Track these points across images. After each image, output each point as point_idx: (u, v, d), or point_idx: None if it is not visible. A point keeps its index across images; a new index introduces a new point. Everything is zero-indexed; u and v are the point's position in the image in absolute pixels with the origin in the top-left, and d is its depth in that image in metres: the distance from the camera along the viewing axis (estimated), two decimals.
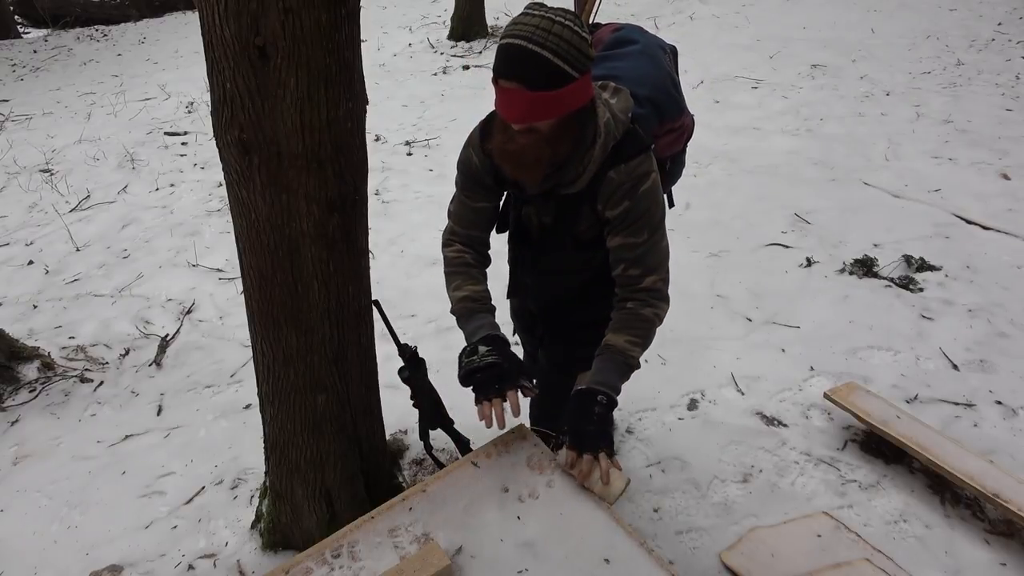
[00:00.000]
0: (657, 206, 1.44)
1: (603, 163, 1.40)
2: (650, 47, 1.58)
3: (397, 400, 2.32)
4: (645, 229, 1.43)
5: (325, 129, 1.44)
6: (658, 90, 1.51)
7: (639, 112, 1.47)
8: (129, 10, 12.18)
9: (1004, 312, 3.09)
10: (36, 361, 2.95)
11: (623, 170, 1.39)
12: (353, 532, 1.42)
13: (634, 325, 1.49)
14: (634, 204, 1.40)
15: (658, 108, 1.51)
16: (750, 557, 2.01)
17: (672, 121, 1.55)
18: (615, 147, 1.40)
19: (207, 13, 1.33)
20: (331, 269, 1.63)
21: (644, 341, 1.49)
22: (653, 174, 1.42)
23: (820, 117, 5.42)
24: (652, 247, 1.46)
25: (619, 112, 1.40)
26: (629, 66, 1.53)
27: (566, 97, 1.27)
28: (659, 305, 1.49)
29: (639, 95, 1.48)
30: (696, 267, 3.58)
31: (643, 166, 1.40)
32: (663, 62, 1.57)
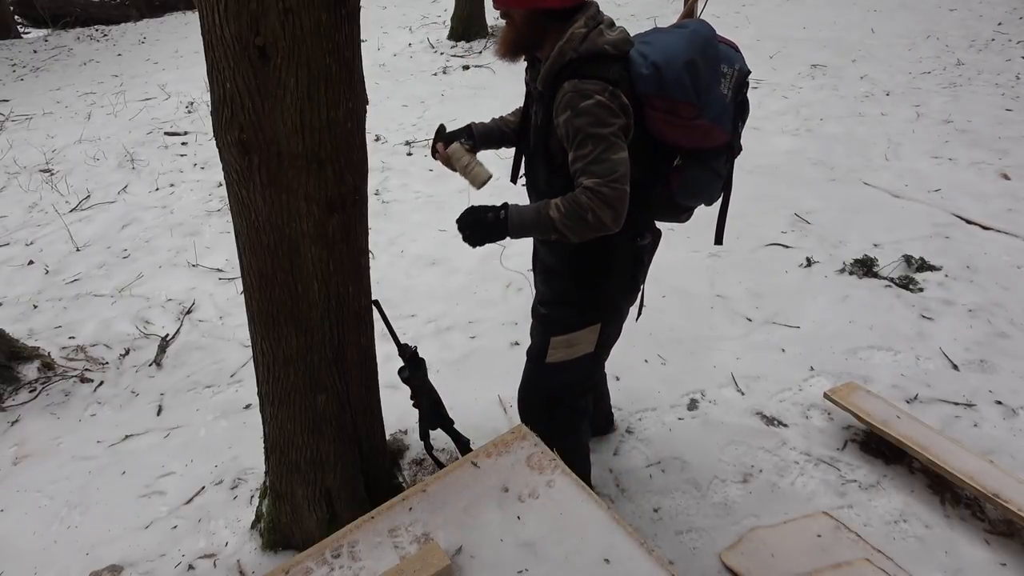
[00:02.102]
0: (602, 124, 1.51)
1: (562, 70, 1.56)
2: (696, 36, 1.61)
3: (397, 400, 2.32)
4: (589, 142, 1.52)
5: (325, 129, 1.44)
6: (668, 63, 1.54)
7: (640, 71, 1.55)
8: (129, 10, 12.18)
9: (1004, 312, 3.09)
10: (36, 361, 2.95)
11: (575, 83, 1.53)
12: (353, 532, 1.42)
13: (567, 199, 1.56)
14: (574, 115, 1.52)
15: (660, 78, 1.54)
16: (750, 557, 2.01)
17: (673, 102, 1.55)
18: (578, 61, 1.54)
19: (207, 13, 1.33)
20: (331, 269, 1.63)
21: (569, 212, 1.54)
22: (600, 97, 1.51)
23: (820, 117, 5.42)
24: (598, 157, 1.52)
25: (601, 40, 1.55)
26: (663, 38, 1.62)
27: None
28: (598, 203, 1.52)
29: (649, 59, 1.56)
30: (696, 267, 3.58)
31: (592, 87, 1.51)
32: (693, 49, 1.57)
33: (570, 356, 1.89)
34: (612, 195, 1.51)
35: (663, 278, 3.48)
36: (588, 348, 1.90)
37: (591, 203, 1.51)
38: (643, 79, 1.55)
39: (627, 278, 1.85)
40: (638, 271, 1.88)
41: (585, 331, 1.86)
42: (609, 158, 1.52)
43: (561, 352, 1.89)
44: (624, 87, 1.54)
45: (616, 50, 1.56)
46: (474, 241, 1.66)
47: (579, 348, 1.89)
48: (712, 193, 1.79)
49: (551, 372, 1.93)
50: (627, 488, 2.30)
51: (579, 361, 1.91)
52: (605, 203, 1.51)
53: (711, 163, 1.70)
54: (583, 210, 1.52)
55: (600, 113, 1.51)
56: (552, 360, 1.91)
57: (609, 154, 1.52)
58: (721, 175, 1.76)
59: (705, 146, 1.66)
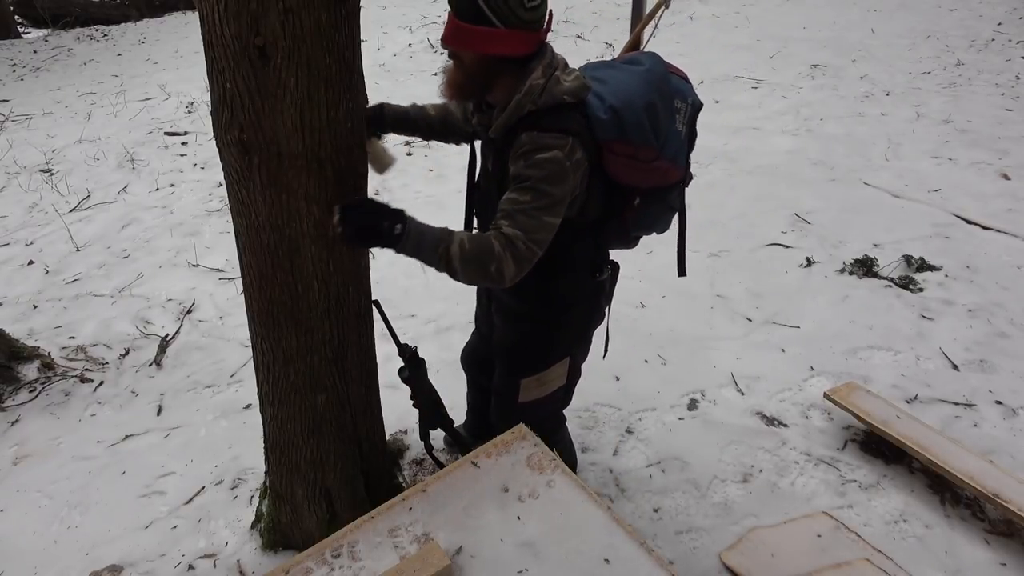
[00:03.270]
0: (551, 183, 1.45)
1: (520, 122, 1.50)
2: (652, 74, 1.59)
3: (397, 400, 2.32)
4: (531, 193, 1.45)
5: (325, 129, 1.44)
6: (627, 107, 1.51)
7: (598, 116, 1.50)
8: (129, 10, 12.17)
9: (1004, 312, 3.09)
10: (36, 361, 2.95)
11: (534, 135, 1.46)
12: (353, 532, 1.42)
13: (476, 240, 1.46)
14: (528, 165, 1.46)
15: (620, 123, 1.51)
16: (750, 557, 2.01)
17: (634, 147, 1.53)
18: (537, 114, 1.48)
19: (207, 13, 1.33)
20: (331, 269, 1.63)
21: (473, 255, 1.44)
22: (558, 152, 1.45)
23: (820, 117, 5.42)
24: (532, 211, 1.45)
25: (559, 90, 1.49)
26: (619, 78, 1.57)
27: (481, 36, 1.44)
28: (509, 257, 1.44)
29: (607, 101, 1.51)
30: (696, 267, 3.58)
31: (552, 140, 1.45)
32: (651, 90, 1.56)
33: (542, 394, 1.87)
34: (526, 254, 1.46)
35: (663, 278, 3.48)
36: (560, 382, 1.88)
37: (502, 254, 1.44)
38: (602, 125, 1.50)
39: (593, 311, 1.85)
40: (602, 301, 1.86)
41: (555, 367, 1.84)
42: (542, 218, 1.46)
43: (533, 391, 1.86)
44: (583, 137, 1.49)
45: (574, 98, 1.50)
46: (354, 242, 1.53)
47: (551, 384, 1.87)
48: (664, 223, 1.81)
49: (524, 410, 1.88)
50: (627, 488, 2.30)
51: (552, 395, 1.89)
52: (516, 259, 1.45)
53: (666, 198, 1.71)
54: (490, 258, 1.44)
55: (554, 171, 1.45)
56: (524, 400, 1.87)
57: (543, 215, 1.46)
58: (674, 208, 1.78)
59: (662, 185, 1.66)
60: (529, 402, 1.87)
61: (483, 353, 2.14)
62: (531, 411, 1.88)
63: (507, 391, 1.89)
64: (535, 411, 1.89)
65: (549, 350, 1.82)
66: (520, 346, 1.83)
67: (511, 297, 1.81)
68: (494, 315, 1.93)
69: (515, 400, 1.87)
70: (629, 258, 3.65)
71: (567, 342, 1.84)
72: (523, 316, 1.79)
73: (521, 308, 1.79)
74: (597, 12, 8.95)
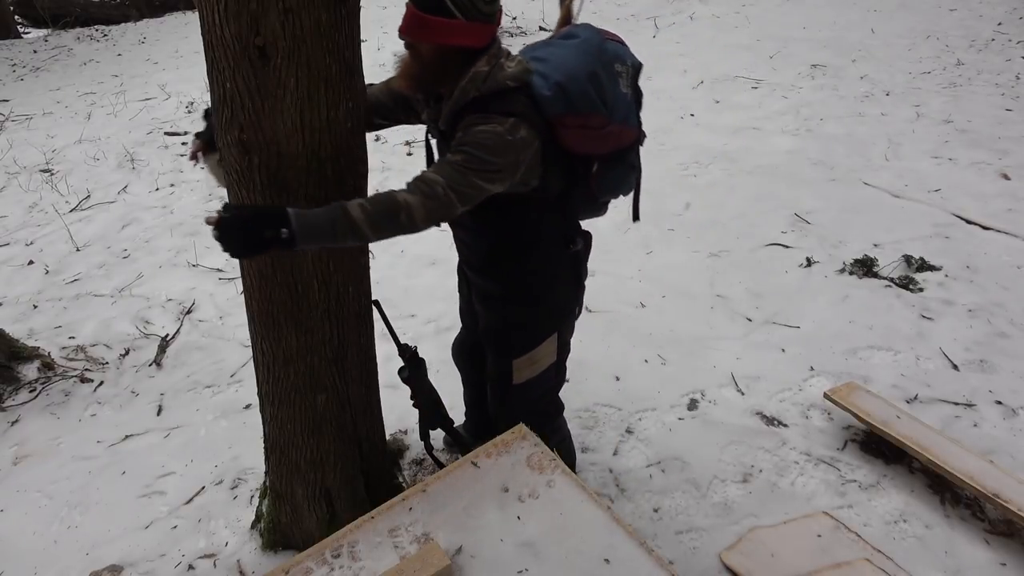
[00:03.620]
0: (488, 152, 1.45)
1: (465, 108, 1.51)
2: (588, 44, 1.62)
3: (397, 400, 2.32)
4: (462, 155, 1.45)
5: (325, 129, 1.44)
6: (571, 80, 1.54)
7: (543, 94, 1.52)
8: (129, 10, 12.16)
9: (1004, 312, 3.09)
10: (36, 361, 2.95)
11: (479, 115, 1.48)
12: (353, 532, 1.42)
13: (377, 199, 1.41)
14: (464, 135, 1.47)
15: (567, 96, 1.54)
16: (750, 557, 2.01)
17: (584, 116, 1.56)
18: (481, 99, 1.50)
19: (207, 13, 1.33)
20: (331, 269, 1.63)
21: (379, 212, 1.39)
22: (497, 126, 1.46)
23: (820, 117, 5.42)
24: (457, 166, 1.44)
25: (502, 76, 1.51)
26: (557, 53, 1.60)
27: (440, 27, 1.45)
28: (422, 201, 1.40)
29: (551, 79, 1.54)
30: (696, 267, 3.58)
31: (493, 118, 1.47)
32: (590, 60, 1.58)
33: (535, 372, 1.89)
34: (443, 199, 1.42)
35: (663, 278, 3.48)
36: (551, 359, 1.91)
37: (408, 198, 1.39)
38: (548, 101, 1.53)
39: (571, 284, 1.87)
40: (580, 272, 1.88)
41: (544, 344, 1.86)
42: (469, 176, 1.44)
43: (526, 371, 1.88)
44: (529, 117, 1.50)
45: (517, 82, 1.52)
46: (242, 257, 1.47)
47: (543, 362, 1.89)
48: (629, 184, 1.83)
49: (520, 392, 1.92)
50: (627, 488, 2.30)
51: (545, 373, 1.92)
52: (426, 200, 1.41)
53: (625, 159, 1.74)
54: (397, 208, 1.39)
55: (490, 140, 1.45)
56: (518, 381, 1.89)
57: (472, 175, 1.45)
58: (635, 166, 1.80)
59: (618, 147, 1.69)
60: (524, 383, 1.89)
61: (472, 346, 2.16)
62: (527, 392, 1.92)
63: (501, 375, 1.91)
64: (531, 391, 1.92)
65: (536, 328, 1.85)
66: (507, 328, 1.86)
67: (489, 281, 1.84)
68: (476, 303, 1.95)
69: (510, 383, 1.89)
70: (629, 258, 3.67)
71: (553, 318, 1.86)
72: (504, 298, 1.82)
73: (501, 291, 1.82)
74: (597, 12, 8.95)
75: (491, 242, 1.76)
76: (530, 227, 1.69)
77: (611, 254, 3.72)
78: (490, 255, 1.79)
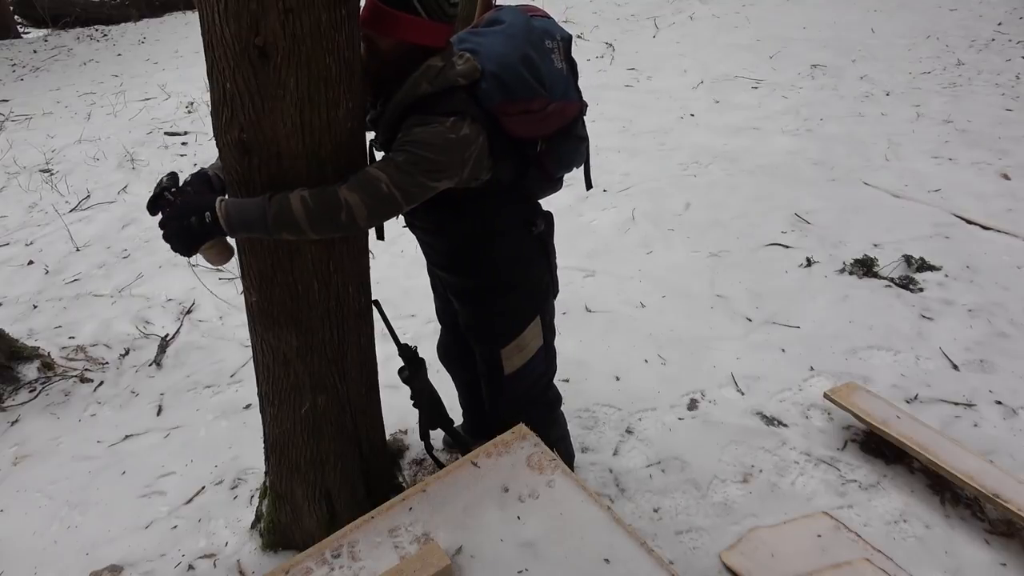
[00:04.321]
0: (428, 149, 1.43)
1: (408, 109, 1.50)
2: (514, 27, 1.62)
3: (397, 400, 2.32)
4: (404, 154, 1.43)
5: (325, 129, 1.44)
6: (505, 68, 1.55)
7: (482, 87, 1.54)
8: (129, 10, 12.15)
9: (1004, 312, 3.09)
10: (36, 361, 2.95)
11: (420, 116, 1.47)
12: (353, 532, 1.43)
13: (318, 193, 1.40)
14: (407, 133, 1.45)
15: (503, 85, 1.54)
16: (750, 557, 2.01)
17: (524, 102, 1.56)
18: (428, 98, 1.48)
19: (207, 13, 1.33)
20: (331, 269, 1.63)
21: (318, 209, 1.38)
22: (438, 126, 1.45)
23: (820, 117, 5.42)
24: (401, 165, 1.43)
25: (453, 73, 1.51)
26: (487, 42, 1.61)
27: (403, 23, 1.44)
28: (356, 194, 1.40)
29: (485, 70, 1.55)
30: (696, 267, 3.58)
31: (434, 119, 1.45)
32: (519, 43, 1.59)
33: (525, 359, 1.89)
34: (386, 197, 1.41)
35: (663, 278, 3.48)
36: (538, 342, 1.91)
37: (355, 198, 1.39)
38: (486, 93, 1.54)
39: (543, 266, 1.87)
40: (549, 251, 1.89)
41: (529, 329, 1.86)
42: (414, 175, 1.43)
43: (516, 359, 1.88)
44: (471, 112, 1.50)
45: (466, 79, 1.52)
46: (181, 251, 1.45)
47: (531, 347, 1.89)
48: (581, 155, 1.83)
49: (513, 382, 1.92)
50: (627, 488, 2.30)
51: (535, 358, 1.92)
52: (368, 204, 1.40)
53: (572, 132, 1.74)
54: (339, 208, 1.38)
55: (431, 139, 1.44)
56: (510, 371, 1.89)
57: (417, 173, 1.43)
58: (584, 137, 1.80)
59: (563, 125, 1.69)
60: (515, 372, 1.90)
61: (454, 347, 2.18)
62: (520, 381, 1.92)
63: (492, 367, 1.91)
64: (524, 380, 1.92)
65: (517, 314, 1.85)
66: (488, 320, 1.86)
67: (460, 277, 1.84)
68: (452, 300, 1.95)
69: (502, 375, 1.90)
70: (629, 258, 3.66)
71: (533, 300, 1.87)
72: (479, 291, 1.82)
73: (474, 284, 1.82)
74: (597, 12, 8.95)
75: (453, 240, 1.77)
76: (489, 218, 1.69)
77: (611, 254, 3.72)
78: (455, 252, 1.79)
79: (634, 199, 4.28)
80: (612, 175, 4.60)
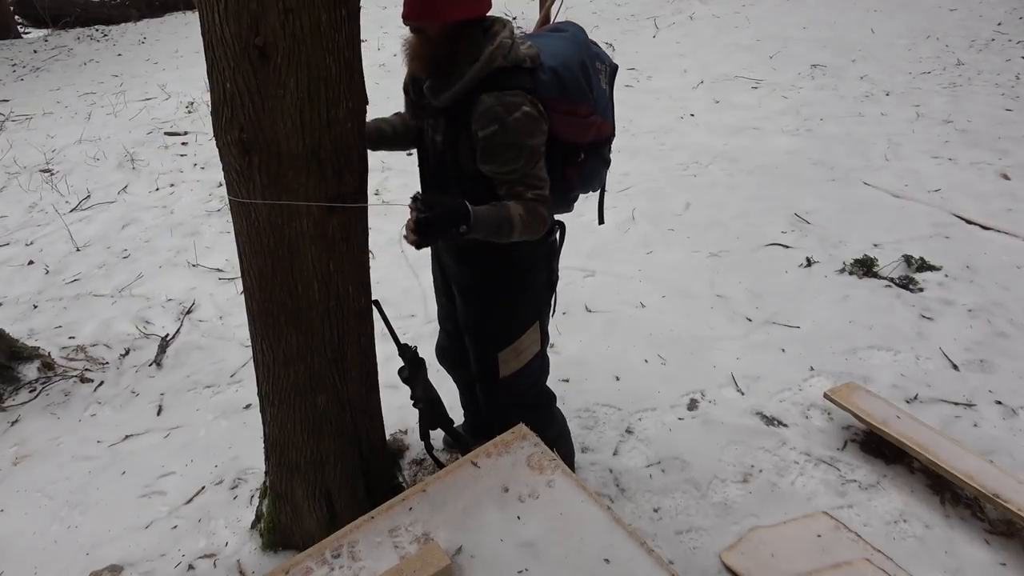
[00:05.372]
0: (531, 137, 1.56)
1: (479, 84, 1.55)
2: (577, 38, 1.73)
3: (397, 400, 2.32)
4: (520, 155, 1.56)
5: (325, 129, 1.44)
6: (565, 67, 1.63)
7: (541, 77, 1.60)
8: (129, 10, 12.15)
9: (1004, 312, 3.09)
10: (36, 361, 2.95)
11: (495, 95, 1.53)
12: (353, 532, 1.43)
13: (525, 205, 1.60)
14: (503, 128, 1.53)
15: (561, 82, 1.61)
16: (750, 557, 2.01)
17: (574, 103, 1.65)
18: (495, 75, 1.55)
19: (207, 13, 1.33)
20: (331, 269, 1.63)
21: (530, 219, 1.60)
22: (526, 108, 1.54)
23: (820, 117, 5.42)
24: (531, 171, 1.59)
25: (522, 53, 1.58)
26: (549, 43, 1.69)
27: (443, 5, 1.51)
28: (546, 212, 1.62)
29: (546, 64, 1.61)
30: (696, 267, 3.58)
31: (516, 99, 1.54)
32: (581, 51, 1.69)
33: (522, 363, 1.91)
34: (546, 201, 1.62)
35: (663, 278, 3.48)
36: (535, 348, 1.93)
37: (544, 211, 1.61)
38: (544, 85, 1.60)
39: (549, 274, 1.91)
40: (554, 262, 1.92)
41: (527, 334, 1.88)
42: (539, 172, 1.60)
43: (512, 363, 1.90)
44: (536, 94, 1.59)
45: (532, 63, 1.60)
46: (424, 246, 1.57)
47: (527, 352, 1.91)
48: (601, 178, 1.90)
49: (509, 386, 1.93)
50: (627, 488, 2.30)
51: (531, 363, 1.93)
52: (545, 209, 1.62)
53: (601, 152, 1.82)
54: (542, 218, 1.61)
55: (529, 125, 1.55)
56: (506, 374, 1.91)
57: (539, 168, 1.60)
58: (608, 161, 1.88)
59: (597, 139, 1.77)
60: (511, 376, 1.91)
61: (453, 349, 2.18)
62: (516, 386, 1.94)
63: (487, 370, 1.93)
64: (519, 385, 1.94)
65: (518, 318, 1.87)
66: (488, 320, 1.88)
67: (469, 270, 1.86)
68: (456, 295, 1.96)
69: (497, 377, 1.91)
70: (629, 258, 3.66)
71: (533, 307, 1.89)
72: (484, 288, 1.84)
73: (480, 280, 1.84)
74: (597, 12, 8.95)
75: None
76: None
77: (611, 254, 3.72)
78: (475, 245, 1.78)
79: (634, 199, 4.28)
80: (612, 175, 4.59)
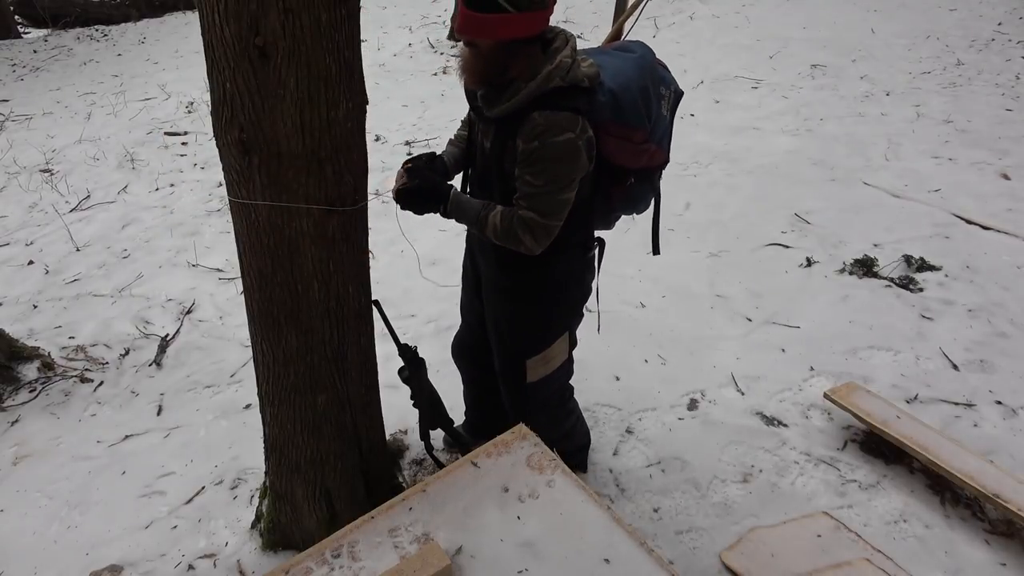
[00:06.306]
0: (565, 164, 1.55)
1: (533, 102, 1.54)
2: (644, 60, 1.68)
3: (397, 400, 2.32)
4: (545, 175, 1.55)
5: (325, 129, 1.44)
6: (624, 89, 1.59)
7: (599, 99, 1.57)
8: (129, 10, 12.16)
9: (1004, 312, 3.09)
10: (36, 361, 2.95)
11: (546, 114, 1.52)
12: (353, 532, 1.43)
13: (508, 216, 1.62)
14: (543, 146, 1.52)
15: (619, 105, 1.58)
16: (750, 557, 2.01)
17: (629, 128, 1.61)
18: (550, 94, 1.53)
19: (207, 13, 1.33)
20: (331, 269, 1.63)
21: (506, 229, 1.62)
22: (570, 134, 1.52)
23: (820, 117, 5.42)
24: (547, 194, 1.57)
25: (580, 72, 1.55)
26: (614, 63, 1.65)
27: (495, 23, 1.47)
28: (531, 235, 1.61)
29: (606, 85, 1.59)
30: (696, 267, 3.58)
31: (565, 121, 1.52)
32: (644, 75, 1.65)
33: (550, 370, 1.93)
34: (547, 231, 1.61)
35: (663, 278, 3.48)
36: (564, 356, 1.95)
37: (526, 232, 1.60)
38: (601, 106, 1.57)
39: (584, 287, 1.91)
40: (590, 276, 1.92)
41: (557, 343, 1.90)
42: (555, 197, 1.58)
43: (540, 370, 1.91)
44: (590, 116, 1.57)
45: (591, 83, 1.57)
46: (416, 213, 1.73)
47: (556, 360, 1.93)
48: (646, 204, 1.88)
49: (535, 390, 1.95)
50: (627, 488, 2.30)
51: (559, 369, 1.96)
52: (534, 235, 1.60)
53: (652, 179, 1.80)
54: (520, 234, 1.60)
55: (566, 152, 1.53)
56: (533, 379, 1.92)
57: (559, 194, 1.58)
58: (656, 188, 1.85)
59: (649, 166, 1.74)
60: (539, 380, 1.93)
61: (472, 344, 2.17)
62: (543, 389, 1.96)
63: (513, 374, 1.93)
64: (547, 388, 1.96)
65: (550, 328, 1.88)
66: (519, 326, 1.88)
67: (505, 276, 1.85)
68: (486, 293, 1.96)
69: (524, 381, 1.92)
70: (629, 258, 3.66)
71: (565, 318, 1.90)
72: (518, 294, 1.84)
73: (516, 287, 1.84)
74: (597, 12, 8.95)
75: None
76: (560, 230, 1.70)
77: (611, 254, 3.69)
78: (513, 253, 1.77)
79: None
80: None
